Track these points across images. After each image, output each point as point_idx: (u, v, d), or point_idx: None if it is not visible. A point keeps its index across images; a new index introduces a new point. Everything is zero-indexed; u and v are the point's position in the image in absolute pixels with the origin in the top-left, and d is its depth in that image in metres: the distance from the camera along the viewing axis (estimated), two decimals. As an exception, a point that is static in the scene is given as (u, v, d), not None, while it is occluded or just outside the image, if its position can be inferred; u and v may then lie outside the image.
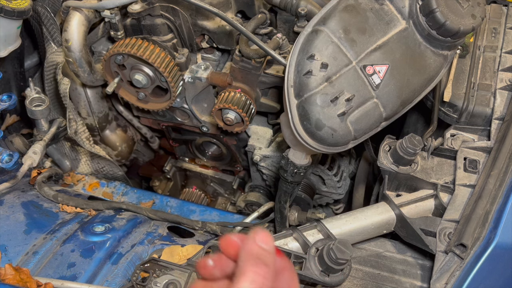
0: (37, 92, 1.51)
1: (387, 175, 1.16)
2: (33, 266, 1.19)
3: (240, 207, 1.80)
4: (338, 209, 1.85)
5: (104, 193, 1.65)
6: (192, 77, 1.45)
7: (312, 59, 0.95)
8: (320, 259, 0.98)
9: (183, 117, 1.66)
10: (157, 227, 1.39)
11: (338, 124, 0.95)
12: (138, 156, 2.20)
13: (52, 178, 1.59)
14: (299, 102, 0.95)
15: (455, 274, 0.94)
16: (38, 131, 1.58)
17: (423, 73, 1.02)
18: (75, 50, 1.45)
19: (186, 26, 1.42)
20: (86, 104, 1.75)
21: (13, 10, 1.36)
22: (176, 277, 0.95)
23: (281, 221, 1.34)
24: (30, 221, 1.31)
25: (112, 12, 1.38)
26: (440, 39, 1.00)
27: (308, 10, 1.34)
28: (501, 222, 0.94)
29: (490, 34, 1.37)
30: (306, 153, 1.11)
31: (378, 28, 0.99)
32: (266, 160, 1.60)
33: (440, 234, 1.03)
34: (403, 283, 1.07)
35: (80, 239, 1.26)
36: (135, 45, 1.35)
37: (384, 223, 1.11)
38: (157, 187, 2.14)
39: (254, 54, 1.33)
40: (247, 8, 1.43)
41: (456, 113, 1.25)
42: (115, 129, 1.95)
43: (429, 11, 0.97)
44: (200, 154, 1.95)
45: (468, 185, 1.09)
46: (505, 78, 1.27)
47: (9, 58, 1.61)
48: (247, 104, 1.41)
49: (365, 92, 0.97)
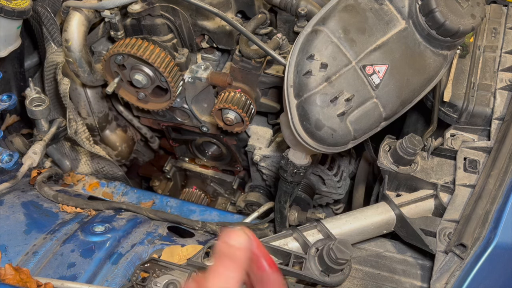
0: (37, 92, 1.51)
1: (387, 175, 1.16)
2: (33, 266, 1.19)
3: (240, 207, 1.80)
4: (338, 209, 1.85)
5: (104, 193, 1.65)
6: (192, 77, 1.45)
7: (312, 59, 0.95)
8: (320, 259, 0.98)
9: (183, 117, 1.66)
10: (157, 227, 1.39)
11: (337, 124, 0.95)
12: (138, 156, 2.20)
13: (52, 178, 1.59)
14: (298, 102, 0.95)
15: (455, 274, 0.94)
16: (38, 131, 1.58)
17: (423, 73, 1.02)
18: (75, 50, 1.45)
19: (186, 26, 1.42)
20: (86, 104, 1.75)
21: (13, 10, 1.36)
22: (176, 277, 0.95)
23: (281, 221, 1.34)
24: (30, 221, 1.31)
25: (112, 12, 1.38)
26: (439, 39, 1.00)
27: (308, 10, 1.34)
28: (501, 222, 0.94)
29: (490, 34, 1.37)
30: (306, 153, 1.11)
31: (378, 28, 0.99)
32: (266, 160, 1.60)
33: (440, 234, 1.02)
34: (403, 283, 1.07)
35: (80, 239, 1.26)
36: (135, 45, 1.35)
37: (384, 223, 1.11)
38: (157, 187, 2.14)
39: (254, 54, 1.33)
40: (247, 8, 1.43)
41: (456, 113, 1.25)
42: (115, 129, 1.95)
43: (428, 11, 0.97)
44: (200, 154, 1.95)
45: (468, 185, 1.09)
46: (505, 78, 1.27)
47: (9, 58, 1.61)
48: (247, 104, 1.41)
49: (365, 92, 0.97)
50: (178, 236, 1.39)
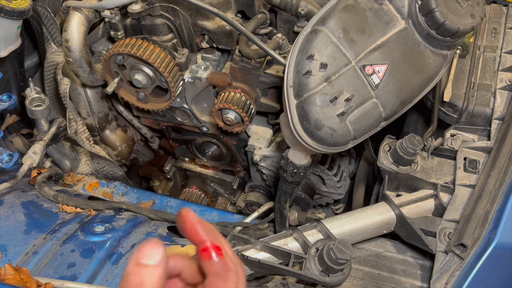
0: (37, 92, 1.51)
1: (387, 175, 1.16)
2: (33, 266, 1.19)
3: (240, 207, 1.80)
4: (338, 209, 1.85)
5: (104, 193, 1.65)
6: (192, 77, 1.45)
7: (312, 59, 0.95)
8: (320, 259, 0.98)
9: (183, 117, 1.66)
10: (157, 227, 1.39)
11: (337, 124, 0.95)
12: (138, 156, 2.19)
13: (52, 178, 1.59)
14: (298, 102, 0.95)
15: (455, 274, 0.94)
16: (38, 131, 1.58)
17: (423, 73, 1.02)
18: (75, 50, 1.45)
19: (186, 26, 1.42)
20: (86, 104, 1.75)
21: (13, 10, 1.36)
22: (176, 277, 0.95)
23: (281, 221, 1.34)
24: (30, 221, 1.31)
25: (112, 12, 1.38)
26: (439, 38, 1.00)
27: (308, 10, 1.34)
28: (501, 222, 0.94)
29: (490, 34, 1.37)
30: (305, 153, 1.11)
31: (378, 28, 0.99)
32: (266, 160, 1.60)
33: (440, 234, 1.02)
34: (403, 283, 1.07)
35: (80, 239, 1.26)
36: (135, 45, 1.35)
37: (384, 223, 1.11)
38: (157, 187, 2.14)
39: (254, 54, 1.33)
40: (247, 8, 1.43)
41: (456, 113, 1.25)
42: (115, 129, 1.95)
43: (428, 10, 0.97)
44: (200, 154, 1.95)
45: (468, 185, 1.09)
46: (505, 78, 1.26)
47: (9, 58, 1.60)
48: (247, 104, 1.41)
49: (365, 92, 0.97)
50: (178, 236, 1.39)
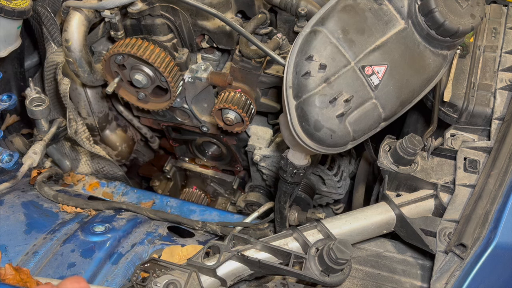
0: (37, 92, 1.51)
1: (387, 175, 1.16)
2: (33, 266, 1.19)
3: (240, 207, 1.80)
4: (338, 209, 1.85)
5: (104, 193, 1.65)
6: (192, 77, 1.45)
7: (311, 60, 0.94)
8: (320, 259, 0.98)
9: (183, 117, 1.66)
10: (157, 227, 1.39)
11: (337, 125, 0.95)
12: (138, 156, 2.20)
13: (52, 178, 1.59)
14: (297, 103, 0.95)
15: (455, 274, 0.94)
16: (38, 131, 1.58)
17: (422, 73, 1.02)
18: (75, 50, 1.45)
19: (186, 26, 1.42)
20: (86, 104, 1.75)
21: (13, 10, 1.37)
22: (176, 277, 0.95)
23: (281, 221, 1.34)
24: (30, 221, 1.31)
25: (112, 12, 1.38)
26: (439, 39, 1.00)
27: (308, 10, 1.34)
28: (501, 222, 0.94)
29: (490, 34, 1.37)
30: (305, 154, 1.11)
31: (377, 28, 0.99)
32: (266, 160, 1.60)
33: (440, 234, 1.02)
34: (403, 283, 1.07)
35: (80, 239, 1.26)
36: (135, 45, 1.35)
37: (384, 223, 1.11)
38: (157, 187, 2.14)
39: (254, 54, 1.33)
40: (247, 8, 1.44)
41: (456, 113, 1.25)
42: (115, 129, 1.95)
43: (428, 11, 0.97)
44: (200, 154, 1.95)
45: (468, 185, 1.09)
46: (505, 78, 1.26)
47: (9, 58, 1.61)
48: (247, 104, 1.41)
49: (364, 93, 0.97)
50: (178, 236, 1.39)
